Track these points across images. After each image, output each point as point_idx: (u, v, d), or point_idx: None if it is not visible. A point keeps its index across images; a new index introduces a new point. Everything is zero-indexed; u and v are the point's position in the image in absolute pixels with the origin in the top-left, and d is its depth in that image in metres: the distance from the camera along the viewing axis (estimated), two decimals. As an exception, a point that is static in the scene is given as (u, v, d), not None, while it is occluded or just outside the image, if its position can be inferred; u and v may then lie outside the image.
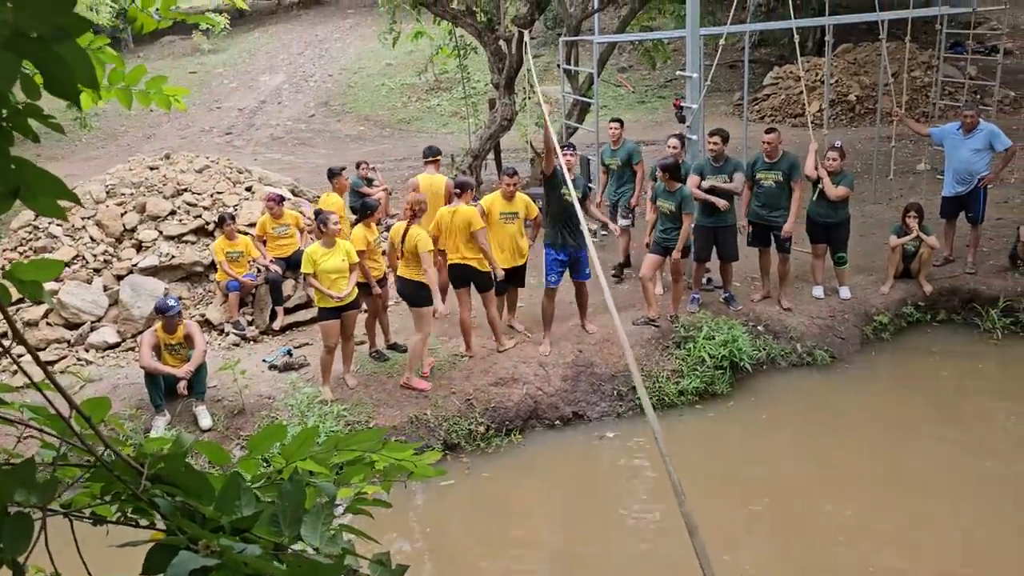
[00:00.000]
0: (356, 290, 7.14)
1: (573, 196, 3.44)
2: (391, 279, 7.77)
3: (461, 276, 7.47)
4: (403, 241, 7.01)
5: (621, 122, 9.40)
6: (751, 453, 6.99)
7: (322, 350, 7.17)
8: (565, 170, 4.19)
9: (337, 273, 6.92)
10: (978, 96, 15.54)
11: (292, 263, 8.59)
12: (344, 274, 6.97)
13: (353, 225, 7.83)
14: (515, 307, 8.24)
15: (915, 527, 5.88)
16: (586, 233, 2.40)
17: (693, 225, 7.98)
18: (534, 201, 7.97)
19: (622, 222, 9.11)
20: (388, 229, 10.97)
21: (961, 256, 9.15)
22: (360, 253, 7.15)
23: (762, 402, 7.57)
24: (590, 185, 8.89)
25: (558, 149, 5.02)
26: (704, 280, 8.72)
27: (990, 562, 5.53)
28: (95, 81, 0.97)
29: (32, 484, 1.15)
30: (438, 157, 9.29)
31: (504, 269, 7.61)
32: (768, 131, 8.21)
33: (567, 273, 7.70)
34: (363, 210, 7.59)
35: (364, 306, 7.59)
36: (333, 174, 9.04)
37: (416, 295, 7.10)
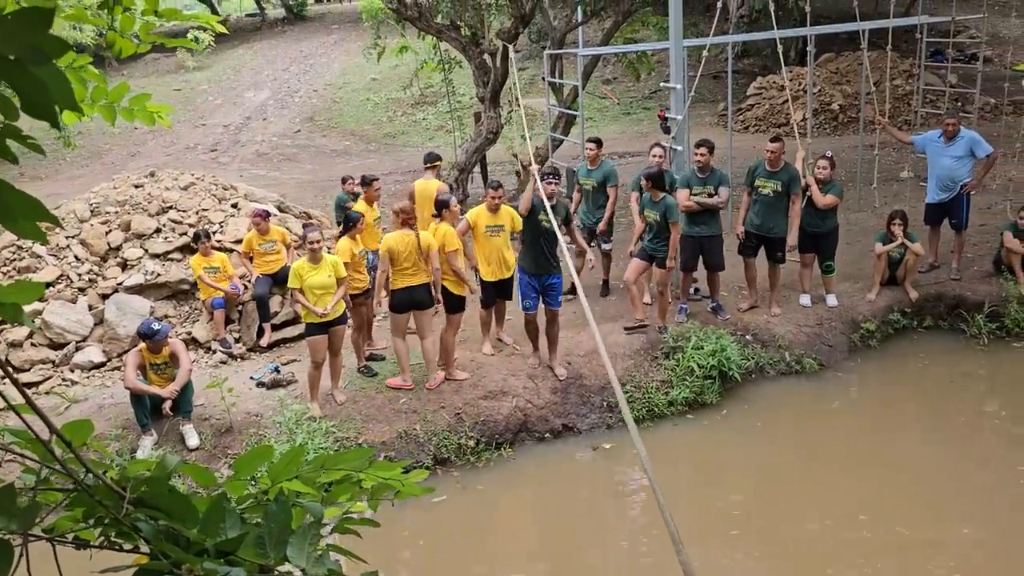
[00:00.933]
0: (343, 305, 7.13)
1: (553, 223, 3.46)
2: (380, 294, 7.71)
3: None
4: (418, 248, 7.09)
5: (599, 142, 9.03)
6: (742, 462, 6.99)
7: (310, 366, 7.14)
8: (545, 199, 4.22)
9: (323, 289, 6.90)
10: (959, 103, 15.68)
11: (279, 279, 8.55)
12: (331, 289, 6.95)
13: (338, 238, 7.86)
14: (503, 320, 8.22)
15: (907, 532, 5.88)
16: (566, 253, 2.40)
17: (680, 235, 8.04)
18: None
19: (605, 247, 8.91)
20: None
21: (946, 262, 9.21)
22: (345, 265, 7.16)
23: (752, 411, 7.58)
24: (571, 210, 8.56)
25: (539, 184, 5.07)
26: (692, 290, 8.74)
27: (984, 567, 5.54)
28: (74, 102, 0.96)
29: (12, 510, 1.13)
30: (437, 163, 9.41)
31: (491, 282, 7.62)
32: (773, 140, 8.27)
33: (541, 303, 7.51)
34: (347, 223, 7.60)
35: (351, 321, 7.56)
36: (366, 183, 8.83)
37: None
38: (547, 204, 4.59)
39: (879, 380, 8.09)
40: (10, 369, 1.13)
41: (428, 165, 9.28)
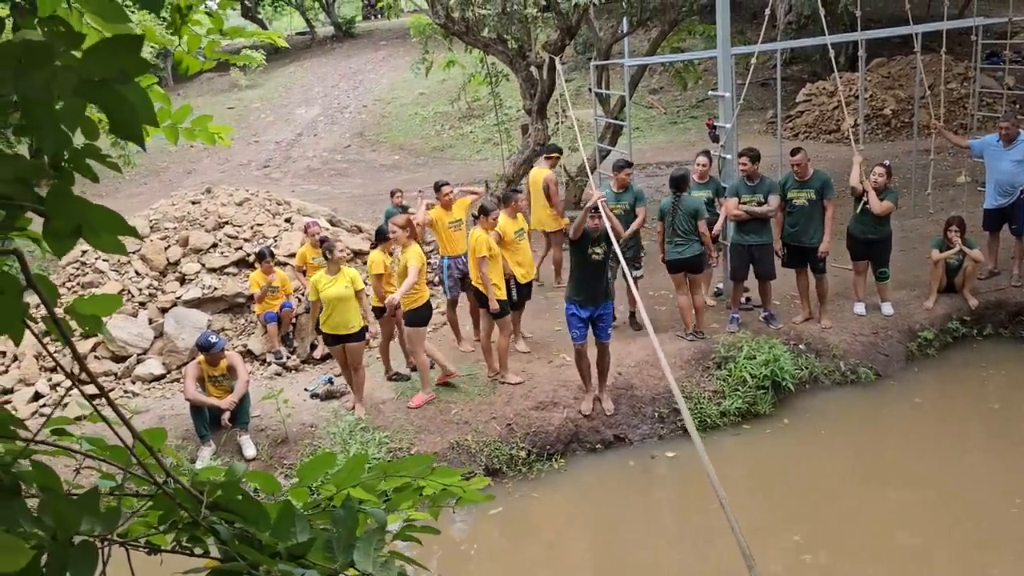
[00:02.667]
0: (360, 320, 7.21)
1: (619, 255, 3.48)
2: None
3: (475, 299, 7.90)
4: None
5: (630, 164, 8.63)
6: (798, 474, 6.88)
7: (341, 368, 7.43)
8: (610, 231, 4.23)
9: (339, 300, 7.01)
10: (1017, 106, 15.28)
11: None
12: (347, 301, 7.05)
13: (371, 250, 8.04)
14: (519, 322, 8.40)
15: (967, 549, 5.72)
16: (629, 279, 2.40)
17: (730, 243, 8.08)
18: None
19: (635, 274, 8.39)
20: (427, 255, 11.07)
21: (1007, 269, 8.98)
22: (378, 277, 7.31)
23: (806, 422, 7.46)
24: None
25: (604, 216, 5.03)
26: (743, 299, 8.65)
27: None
28: (155, 120, 1.00)
29: (96, 513, 1.18)
30: (554, 155, 9.85)
31: (523, 284, 8.04)
32: (793, 152, 8.15)
33: (590, 331, 7.19)
34: (379, 236, 7.74)
35: (370, 338, 7.60)
36: (436, 188, 8.88)
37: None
38: (613, 238, 4.64)
39: (938, 390, 7.90)
40: (99, 383, 1.18)
41: (546, 155, 9.80)
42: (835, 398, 7.76)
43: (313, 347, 8.62)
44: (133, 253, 9.18)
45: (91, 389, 7.99)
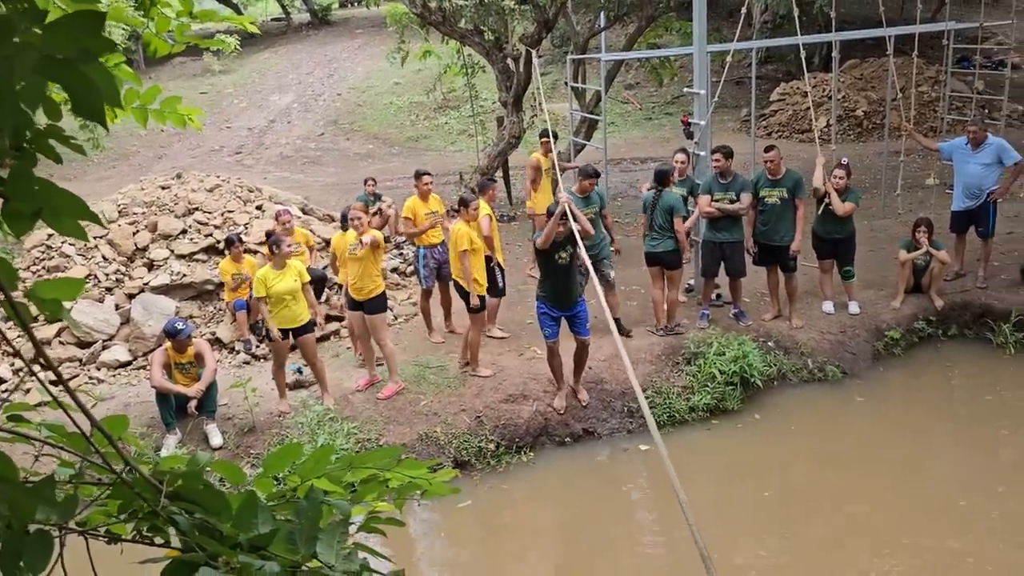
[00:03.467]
0: (308, 313, 7.18)
1: (585, 259, 3.52)
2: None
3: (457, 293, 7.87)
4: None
5: (598, 174, 8.32)
6: (763, 470, 6.94)
7: (272, 365, 7.31)
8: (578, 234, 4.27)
9: (290, 293, 6.97)
10: (986, 110, 15.53)
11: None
12: (296, 293, 7.02)
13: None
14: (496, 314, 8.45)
15: (927, 543, 5.82)
16: (598, 288, 2.40)
17: (702, 240, 8.14)
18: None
19: (612, 273, 8.26)
20: (397, 246, 11.03)
21: (972, 270, 9.12)
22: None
23: (774, 418, 7.54)
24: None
25: (578, 219, 5.02)
26: (713, 296, 8.71)
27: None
28: (119, 100, 0.98)
29: (52, 502, 1.15)
30: (545, 139, 9.74)
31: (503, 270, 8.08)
32: (767, 149, 8.23)
33: (566, 327, 7.15)
34: (343, 221, 7.79)
35: (318, 329, 7.61)
36: (416, 176, 8.77)
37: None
38: (579, 240, 4.66)
39: (903, 389, 8.01)
40: (56, 369, 1.15)
41: (542, 139, 9.83)
42: (803, 395, 7.84)
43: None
44: (100, 238, 9.04)
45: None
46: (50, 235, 9.01)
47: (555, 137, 9.66)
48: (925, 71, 16.92)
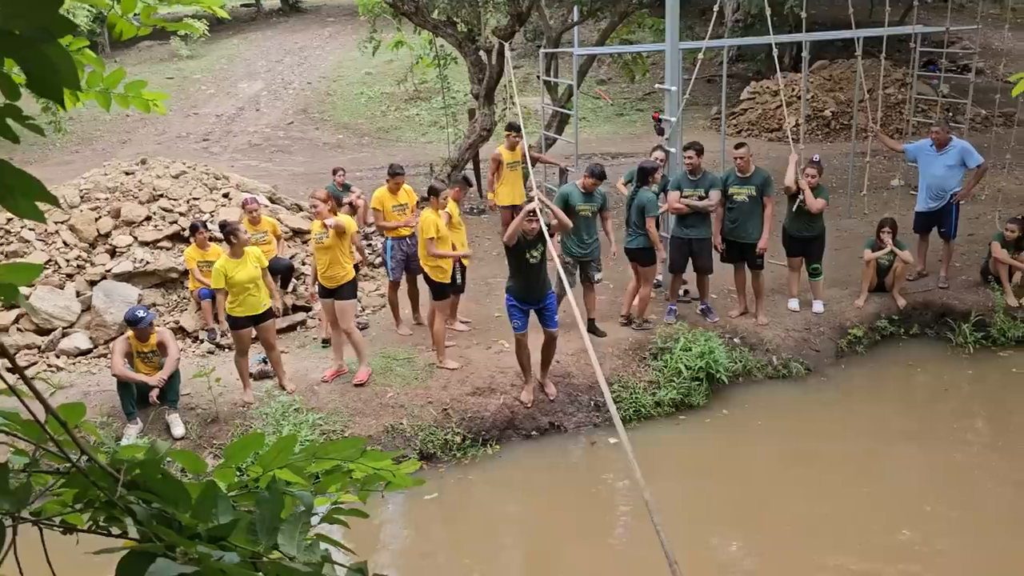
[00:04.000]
0: (269, 299, 7.15)
1: (557, 261, 3.53)
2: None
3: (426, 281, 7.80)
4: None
5: (604, 176, 7.95)
6: (727, 465, 7.01)
7: (235, 354, 7.24)
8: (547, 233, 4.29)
9: (252, 281, 6.92)
10: (950, 114, 15.79)
11: (269, 270, 8.56)
12: (258, 280, 6.97)
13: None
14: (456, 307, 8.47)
15: (889, 536, 5.92)
16: (569, 295, 2.40)
17: (670, 236, 8.20)
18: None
19: (597, 275, 8.22)
20: (366, 237, 10.97)
21: (934, 271, 9.27)
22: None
23: (739, 414, 7.61)
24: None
25: (553, 213, 5.02)
26: (681, 292, 8.77)
27: (960, 571, 5.59)
28: (77, 82, 0.96)
29: (5, 490, 1.13)
30: (509, 132, 9.93)
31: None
32: (738, 146, 8.29)
33: (535, 319, 7.11)
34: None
35: (277, 314, 7.57)
36: (389, 174, 8.62)
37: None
38: (548, 238, 4.67)
39: (865, 386, 8.13)
40: (8, 351, 1.13)
41: (507, 132, 9.96)
42: (767, 391, 7.93)
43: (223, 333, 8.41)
44: (61, 223, 8.87)
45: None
46: (9, 219, 8.82)
47: (517, 130, 9.68)
48: (892, 73, 17.15)
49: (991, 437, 7.39)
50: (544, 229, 5.69)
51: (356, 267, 7.61)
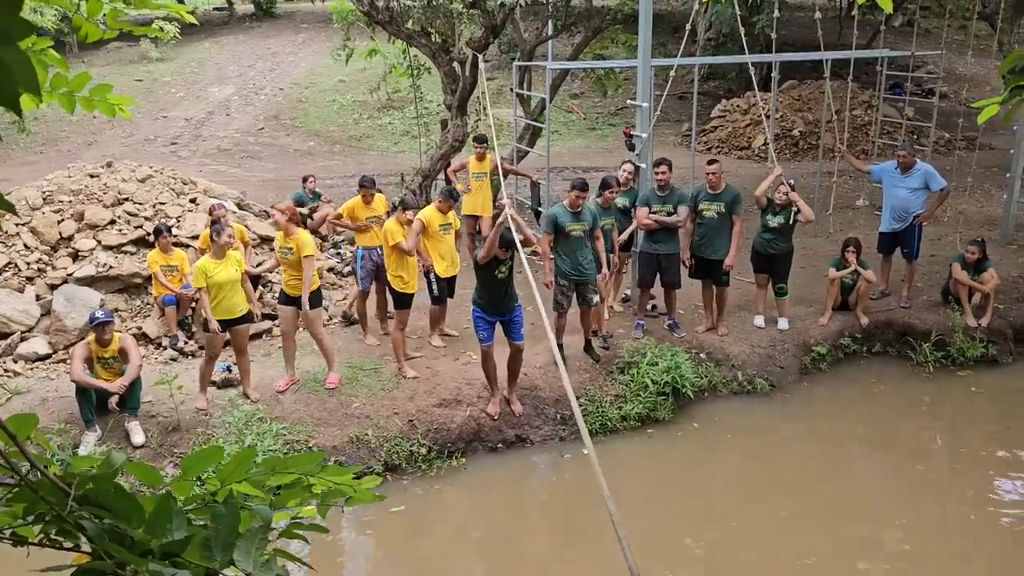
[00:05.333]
0: (246, 304, 7.13)
1: (531, 277, 3.52)
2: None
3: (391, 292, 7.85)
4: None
5: (586, 187, 7.61)
6: (691, 479, 7.04)
7: (203, 359, 7.18)
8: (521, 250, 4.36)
9: (231, 283, 6.89)
10: (915, 136, 16.09)
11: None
12: (236, 283, 6.95)
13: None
14: (444, 316, 8.42)
15: (849, 550, 5.98)
16: (545, 319, 2.39)
17: (639, 251, 8.24)
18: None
19: (595, 299, 7.82)
20: (335, 245, 10.89)
21: (896, 290, 9.42)
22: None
23: (703, 429, 7.66)
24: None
25: (521, 229, 5.03)
26: (649, 306, 8.81)
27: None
28: (37, 87, 0.93)
29: (-50, 504, 1.09)
30: (476, 144, 10.14)
31: (444, 279, 8.01)
32: (710, 162, 8.36)
33: (499, 331, 7.08)
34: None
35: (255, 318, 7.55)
36: (361, 185, 8.49)
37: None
38: (522, 254, 4.68)
39: (827, 403, 8.22)
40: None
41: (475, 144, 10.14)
42: (732, 407, 7.98)
43: (187, 339, 8.32)
44: (22, 225, 8.70)
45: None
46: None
47: (484, 142, 9.72)
48: (859, 95, 17.45)
49: (948, 454, 7.51)
50: (517, 245, 5.47)
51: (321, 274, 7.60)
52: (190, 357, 8.09)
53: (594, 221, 7.66)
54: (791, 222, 8.38)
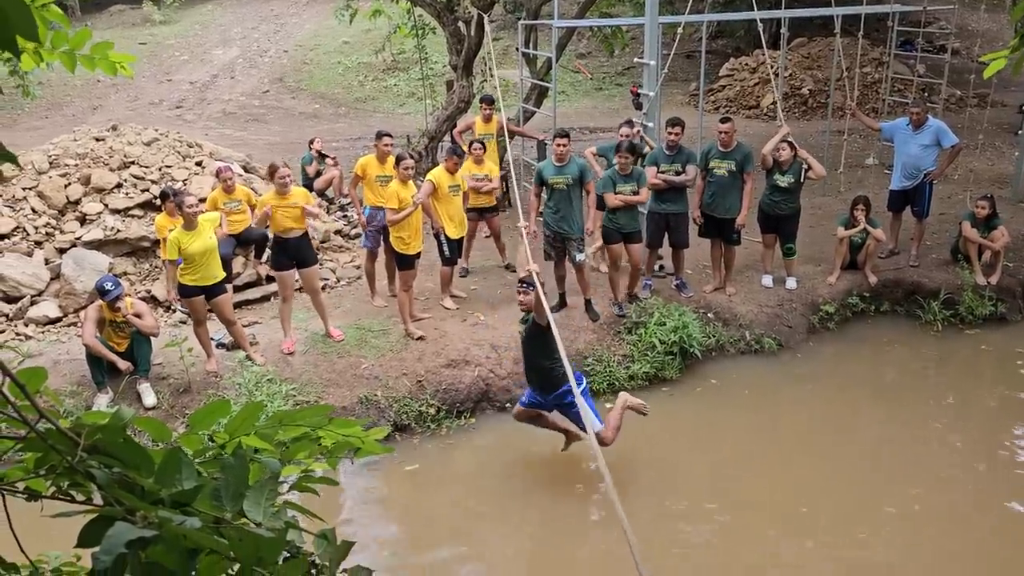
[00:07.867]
0: (221, 272, 7.12)
1: (557, 336, 3.40)
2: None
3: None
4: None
5: (568, 135, 7.83)
6: (699, 438, 7.08)
7: (193, 324, 7.22)
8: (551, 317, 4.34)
9: (206, 252, 6.86)
10: (926, 94, 15.88)
11: (243, 240, 8.48)
12: (213, 250, 6.93)
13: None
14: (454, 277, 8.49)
15: (858, 510, 6.02)
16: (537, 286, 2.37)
17: (647, 211, 8.17)
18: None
19: (579, 257, 7.73)
20: (341, 208, 10.88)
21: (906, 249, 9.37)
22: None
23: (711, 388, 7.68)
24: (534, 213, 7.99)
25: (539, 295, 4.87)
26: (656, 266, 8.80)
27: (933, 546, 5.70)
28: (35, 33, 0.92)
29: (-38, 454, 1.10)
30: (483, 104, 9.88)
31: (453, 240, 8.03)
32: (723, 120, 8.26)
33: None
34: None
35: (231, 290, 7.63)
36: (380, 135, 8.44)
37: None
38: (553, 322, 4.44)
39: (835, 362, 8.22)
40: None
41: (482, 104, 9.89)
42: (739, 366, 8.00)
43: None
44: (29, 189, 8.71)
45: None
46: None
47: (491, 103, 9.60)
48: (869, 52, 17.20)
49: (956, 411, 7.52)
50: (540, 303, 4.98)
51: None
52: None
53: (582, 174, 7.63)
54: (800, 180, 8.32)
